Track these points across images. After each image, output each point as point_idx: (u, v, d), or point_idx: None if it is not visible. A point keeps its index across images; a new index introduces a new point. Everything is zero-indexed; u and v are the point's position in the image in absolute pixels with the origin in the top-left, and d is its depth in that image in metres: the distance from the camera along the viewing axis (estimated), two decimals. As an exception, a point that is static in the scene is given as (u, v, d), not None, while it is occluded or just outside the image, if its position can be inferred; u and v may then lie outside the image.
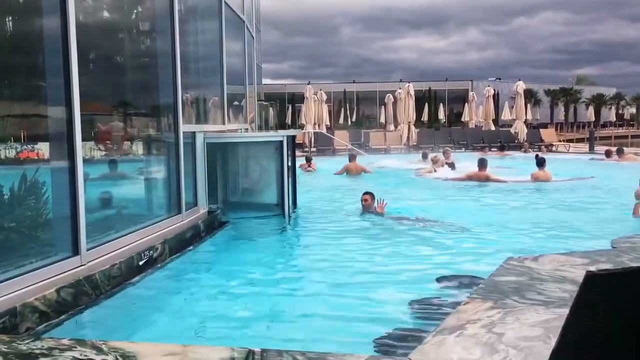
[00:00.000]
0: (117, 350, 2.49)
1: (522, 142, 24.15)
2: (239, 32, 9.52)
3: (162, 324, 3.80)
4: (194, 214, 6.24)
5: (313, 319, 3.86)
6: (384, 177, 13.84)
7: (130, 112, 6.28)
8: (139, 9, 6.49)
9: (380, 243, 6.16)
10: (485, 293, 2.94)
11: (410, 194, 10.60)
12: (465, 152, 21.95)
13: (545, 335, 2.34)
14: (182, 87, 5.89)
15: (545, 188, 10.99)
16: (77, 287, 3.65)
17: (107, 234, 4.51)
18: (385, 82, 43.46)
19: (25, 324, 3.16)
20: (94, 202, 4.23)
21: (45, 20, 4.14)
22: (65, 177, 3.92)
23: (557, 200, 9.36)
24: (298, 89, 38.60)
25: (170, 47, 5.75)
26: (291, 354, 2.41)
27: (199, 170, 6.63)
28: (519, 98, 25.53)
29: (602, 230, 6.77)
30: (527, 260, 3.59)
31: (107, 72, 5.64)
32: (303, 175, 13.11)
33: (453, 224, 7.22)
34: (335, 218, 7.96)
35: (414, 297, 4.10)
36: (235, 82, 9.22)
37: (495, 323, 2.48)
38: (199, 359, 2.45)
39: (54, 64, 3.94)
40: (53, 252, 3.87)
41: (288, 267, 5.58)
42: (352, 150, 18.74)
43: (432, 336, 2.38)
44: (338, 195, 10.87)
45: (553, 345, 2.26)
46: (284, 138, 7.57)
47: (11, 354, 2.46)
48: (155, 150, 6.48)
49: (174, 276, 4.83)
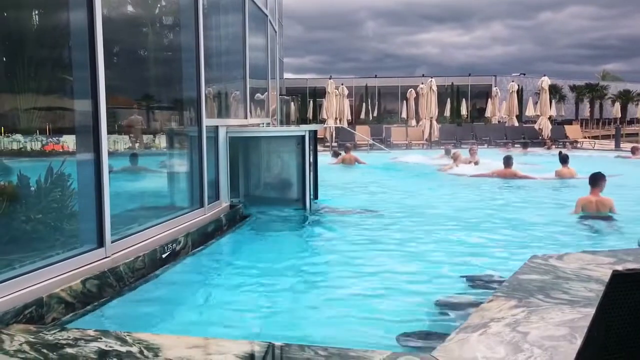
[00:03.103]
0: (142, 341, 2.52)
1: (546, 138, 23.84)
2: (262, 27, 9.53)
3: (184, 317, 3.83)
4: (216, 208, 6.28)
5: (335, 314, 3.86)
6: (406, 173, 13.81)
7: (155, 106, 6.34)
8: (164, 3, 6.53)
9: (403, 238, 6.14)
10: (509, 291, 2.91)
11: (432, 190, 10.56)
12: (488, 148, 21.74)
13: (570, 334, 2.31)
14: (205, 81, 5.91)
15: (569, 185, 10.85)
16: (101, 278, 3.70)
17: (130, 227, 4.56)
18: (407, 77, 43.16)
19: (52, 314, 3.20)
20: (118, 195, 4.26)
21: (72, 14, 4.19)
22: (90, 169, 3.96)
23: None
24: (319, 83, 38.56)
25: (194, 41, 5.78)
26: (313, 349, 2.41)
27: (221, 164, 6.66)
28: (544, 94, 25.21)
29: (628, 228, 6.67)
30: (551, 259, 3.55)
31: (132, 66, 5.69)
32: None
33: (476, 220, 7.17)
34: (356, 210, 7.96)
35: (436, 294, 4.08)
36: (257, 76, 9.24)
37: (520, 322, 2.46)
38: (221, 352, 2.47)
39: (81, 57, 3.98)
40: (78, 243, 3.92)
41: (309, 261, 5.59)
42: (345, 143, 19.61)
43: (455, 334, 2.37)
44: (358, 189, 10.89)
45: (579, 345, 2.23)
46: (306, 133, 7.58)
47: (38, 344, 2.51)
48: (178, 143, 6.53)
49: (197, 269, 4.87)
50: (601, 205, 7.39)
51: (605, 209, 7.38)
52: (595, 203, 7.42)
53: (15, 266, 3.31)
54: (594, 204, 7.42)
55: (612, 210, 7.38)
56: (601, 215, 7.31)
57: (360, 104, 41.03)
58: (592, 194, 7.51)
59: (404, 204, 8.71)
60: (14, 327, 2.79)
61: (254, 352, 2.49)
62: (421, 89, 26.04)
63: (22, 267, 3.31)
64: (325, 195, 8.79)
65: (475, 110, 44.04)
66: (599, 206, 7.39)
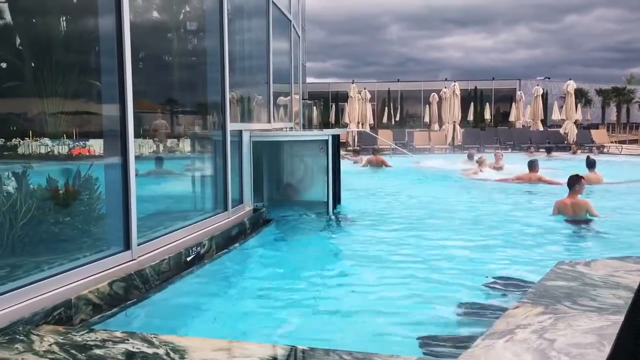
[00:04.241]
0: (168, 343, 2.55)
1: (571, 143, 23.52)
2: (286, 32, 9.58)
3: (208, 320, 3.86)
4: (240, 212, 6.32)
5: (358, 318, 3.86)
6: (429, 177, 13.73)
7: (180, 110, 6.42)
8: (190, 9, 6.61)
9: (426, 242, 6.11)
10: (536, 298, 2.88)
11: (456, 194, 10.49)
12: (512, 153, 21.51)
13: (598, 342, 2.28)
14: (229, 85, 5.96)
15: (596, 191, 10.68)
16: (128, 280, 3.75)
17: (156, 230, 4.61)
18: (430, 81, 42.94)
19: (80, 315, 3.26)
20: (143, 198, 4.31)
21: (100, 20, 4.26)
22: (117, 173, 4.02)
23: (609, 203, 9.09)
24: (342, 88, 38.51)
25: (219, 46, 5.83)
26: (338, 353, 2.42)
27: (245, 168, 6.71)
28: (569, 98, 24.87)
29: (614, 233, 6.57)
30: (578, 265, 3.51)
31: (157, 71, 5.76)
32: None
33: (501, 225, 7.11)
34: (379, 215, 7.95)
35: (461, 299, 4.05)
36: (280, 80, 9.28)
37: (547, 329, 2.43)
38: (246, 355, 2.49)
39: (109, 62, 4.05)
40: (106, 246, 3.98)
41: (332, 264, 5.59)
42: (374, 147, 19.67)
43: (481, 340, 2.35)
44: (380, 192, 10.87)
45: (607, 353, 2.20)
46: (329, 137, 7.60)
47: (67, 345, 2.55)
48: (202, 148, 6.59)
49: (221, 272, 4.90)
50: (577, 208, 7.38)
51: (581, 212, 7.36)
52: (571, 205, 7.40)
53: (44, 268, 3.38)
54: (569, 207, 7.40)
55: (590, 212, 7.36)
56: (577, 218, 7.29)
57: (382, 108, 40.91)
58: (568, 197, 7.50)
59: (427, 208, 8.67)
60: (44, 327, 2.84)
61: (279, 355, 2.50)
62: (444, 93, 25.91)
63: (51, 269, 3.37)
64: (348, 199, 8.79)
65: (499, 115, 43.61)
66: (575, 209, 7.38)
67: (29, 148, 4.25)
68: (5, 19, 4.19)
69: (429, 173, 14.76)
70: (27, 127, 4.24)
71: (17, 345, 2.56)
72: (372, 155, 17.10)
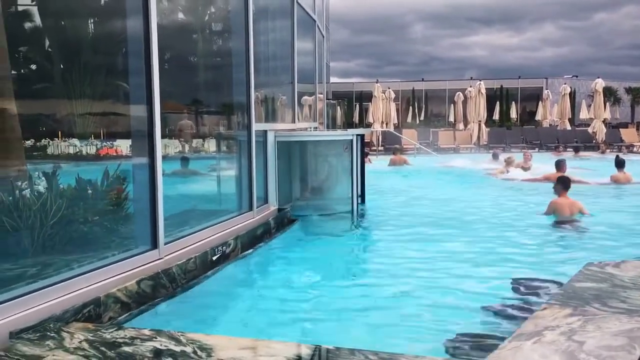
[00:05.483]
0: (195, 342, 2.57)
1: (600, 142, 23.14)
2: (310, 32, 9.60)
3: (234, 318, 3.89)
4: (265, 211, 6.35)
5: (383, 318, 3.85)
6: (454, 177, 13.63)
7: (205, 111, 6.48)
8: (215, 10, 6.67)
9: (451, 242, 6.07)
10: (564, 299, 2.84)
11: (483, 194, 10.40)
12: (539, 152, 21.24)
13: (629, 345, 2.25)
14: (254, 86, 6.00)
15: (626, 190, 10.49)
16: (155, 279, 3.79)
17: (182, 229, 4.66)
18: (455, 80, 42.59)
19: (108, 313, 3.31)
20: (169, 198, 4.36)
21: (128, 22, 4.32)
22: (145, 172, 4.07)
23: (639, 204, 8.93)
24: (366, 87, 38.41)
25: (244, 46, 5.87)
26: (363, 353, 2.42)
27: (270, 168, 6.74)
28: (598, 96, 24.48)
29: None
30: (608, 267, 3.45)
31: (183, 72, 5.83)
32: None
33: (528, 226, 7.03)
34: (404, 215, 7.92)
35: (487, 300, 4.01)
36: (305, 80, 9.31)
37: (576, 331, 2.40)
38: (271, 354, 2.50)
39: (136, 64, 4.10)
40: (133, 245, 4.03)
41: (356, 264, 5.60)
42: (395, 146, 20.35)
43: (508, 342, 2.33)
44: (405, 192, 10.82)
45: (638, 355, 2.16)
46: (353, 137, 7.59)
47: (97, 342, 2.60)
48: (228, 148, 6.64)
49: (246, 272, 4.94)
50: (573, 208, 7.37)
51: (576, 212, 7.34)
52: (568, 206, 7.38)
53: (74, 266, 3.44)
54: (567, 207, 7.37)
55: (583, 212, 7.35)
56: (573, 218, 7.25)
57: (406, 108, 40.72)
58: (562, 197, 7.45)
59: (452, 208, 8.60)
60: (74, 325, 2.89)
61: (303, 354, 2.51)
62: (469, 92, 25.71)
63: (81, 267, 3.43)
64: (372, 199, 8.78)
65: (525, 114, 43.09)
66: (572, 209, 7.36)
67: (58, 148, 4.33)
68: (35, 22, 4.28)
69: (454, 173, 14.65)
70: (56, 128, 4.32)
71: (48, 342, 2.61)
72: (394, 155, 17.83)
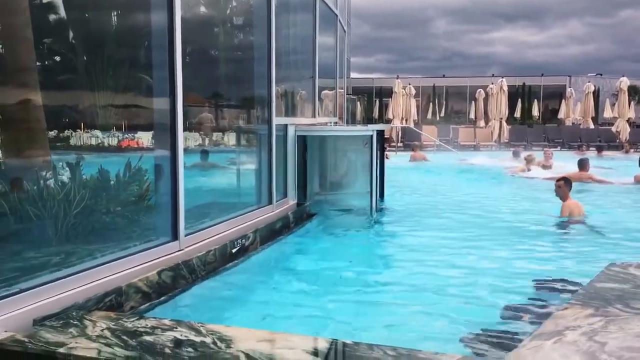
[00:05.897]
0: (214, 332, 2.60)
1: (624, 141, 22.80)
2: (332, 26, 9.59)
3: (252, 311, 3.91)
4: (284, 205, 6.37)
5: (401, 314, 3.85)
6: (475, 175, 13.53)
7: (226, 104, 6.50)
8: (237, 4, 6.69)
9: (472, 240, 6.03)
10: (586, 299, 2.81)
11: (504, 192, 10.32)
12: (561, 151, 21.00)
13: (652, 347, 2.22)
14: (275, 80, 6.00)
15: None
16: (176, 270, 3.83)
17: (202, 221, 4.69)
18: (476, 77, 42.24)
19: (130, 303, 3.35)
20: (189, 190, 4.39)
21: (153, 15, 4.36)
22: (166, 164, 4.11)
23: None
24: (386, 83, 38.24)
25: (266, 41, 5.88)
26: (382, 349, 2.42)
27: (290, 163, 6.75)
28: (622, 95, 24.08)
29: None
30: (631, 267, 3.41)
31: (205, 65, 5.85)
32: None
33: (550, 225, 6.96)
34: (423, 211, 7.89)
35: (507, 298, 3.99)
36: (325, 75, 9.30)
37: (597, 331, 2.38)
38: (290, 346, 2.52)
39: (160, 57, 4.13)
40: (155, 236, 4.08)
41: (375, 260, 5.59)
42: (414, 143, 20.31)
43: (529, 340, 2.31)
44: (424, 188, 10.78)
45: (661, 358, 2.13)
46: (373, 132, 7.57)
47: (118, 331, 2.63)
48: (248, 141, 6.66)
49: (265, 265, 4.96)
50: (581, 210, 7.39)
51: (583, 212, 7.38)
52: (577, 207, 7.40)
53: (96, 256, 3.49)
54: (577, 209, 7.37)
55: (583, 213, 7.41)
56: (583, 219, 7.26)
57: (427, 104, 40.49)
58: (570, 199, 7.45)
59: (472, 206, 8.55)
60: (96, 313, 2.93)
61: (321, 347, 2.52)
62: (491, 89, 25.47)
63: (103, 257, 3.48)
64: (391, 194, 8.76)
65: (547, 112, 42.59)
66: (581, 210, 7.38)
67: (80, 139, 4.38)
68: (60, 14, 4.32)
69: (474, 170, 14.54)
70: (80, 119, 4.37)
71: (70, 329, 2.65)
72: (413, 151, 18.19)
